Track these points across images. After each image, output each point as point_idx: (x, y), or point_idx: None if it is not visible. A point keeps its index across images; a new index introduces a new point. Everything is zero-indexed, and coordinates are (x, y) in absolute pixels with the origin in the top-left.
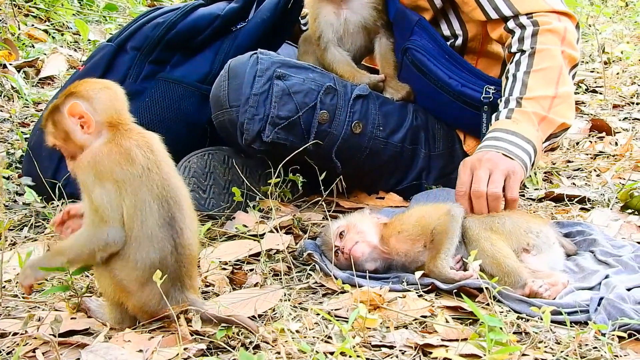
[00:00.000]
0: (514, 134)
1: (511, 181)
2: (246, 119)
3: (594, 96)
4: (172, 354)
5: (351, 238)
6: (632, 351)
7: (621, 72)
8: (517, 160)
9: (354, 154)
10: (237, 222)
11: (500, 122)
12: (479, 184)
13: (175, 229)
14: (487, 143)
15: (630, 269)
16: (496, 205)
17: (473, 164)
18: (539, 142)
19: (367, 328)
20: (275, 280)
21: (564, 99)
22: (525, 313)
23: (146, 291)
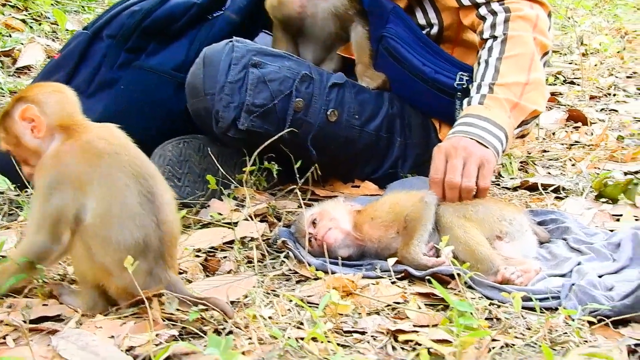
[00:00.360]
0: (486, 120)
1: (485, 170)
2: (221, 106)
3: (572, 87)
4: (144, 339)
5: (324, 225)
6: (602, 336)
7: (599, 64)
8: (490, 148)
9: (330, 142)
10: (212, 210)
11: (473, 107)
12: (453, 174)
13: (156, 204)
14: (459, 128)
15: (602, 256)
16: (468, 196)
17: (448, 151)
18: (510, 129)
19: (339, 314)
20: (249, 267)
21: (535, 86)
22: (497, 299)
23: (128, 269)
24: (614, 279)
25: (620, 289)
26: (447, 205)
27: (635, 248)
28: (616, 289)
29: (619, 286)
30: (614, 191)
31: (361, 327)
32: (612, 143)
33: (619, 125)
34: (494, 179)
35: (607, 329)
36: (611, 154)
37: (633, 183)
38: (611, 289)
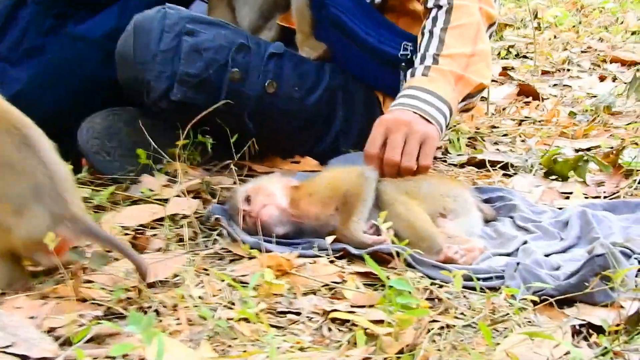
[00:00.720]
0: (430, 93)
1: (427, 147)
2: (153, 77)
3: (524, 62)
4: (66, 320)
5: (259, 201)
6: (546, 317)
7: (553, 39)
8: (434, 124)
9: (268, 115)
10: (143, 185)
11: (416, 79)
12: (393, 151)
13: (36, 148)
14: (402, 101)
15: (549, 235)
16: (407, 174)
17: (389, 125)
18: (454, 103)
19: (273, 294)
20: (180, 246)
21: (481, 57)
22: (439, 279)
23: (26, 216)
24: (561, 258)
25: (567, 269)
26: (389, 181)
27: (583, 226)
28: (563, 268)
29: (565, 265)
30: (564, 168)
31: (296, 307)
32: (563, 119)
33: (571, 101)
34: (440, 155)
35: (552, 309)
36: (562, 130)
37: (583, 160)
38: (558, 268)
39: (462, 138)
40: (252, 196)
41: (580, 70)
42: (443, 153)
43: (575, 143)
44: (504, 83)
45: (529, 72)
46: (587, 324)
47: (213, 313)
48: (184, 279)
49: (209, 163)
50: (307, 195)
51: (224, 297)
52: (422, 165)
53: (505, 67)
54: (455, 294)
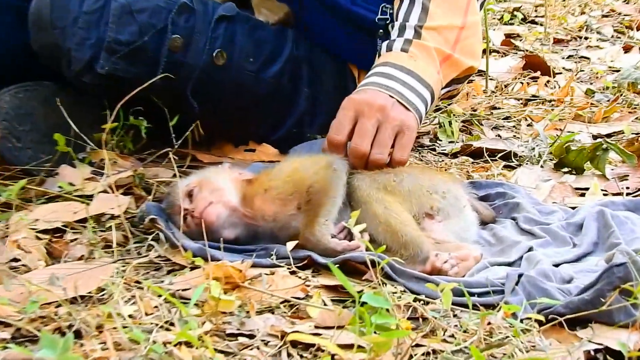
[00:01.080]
0: (409, 74)
1: (404, 139)
2: (74, 44)
3: (532, 28)
4: None
5: (204, 198)
6: (554, 339)
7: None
8: (412, 111)
9: (216, 92)
10: (61, 179)
11: (394, 55)
12: (362, 140)
13: None
14: (376, 80)
15: (559, 240)
16: (377, 168)
17: (360, 108)
18: (438, 88)
19: (221, 312)
20: (107, 252)
21: (472, 32)
22: (424, 294)
23: None
24: (573, 268)
25: (581, 281)
26: (363, 174)
27: (601, 230)
28: (575, 281)
29: (579, 277)
30: (578, 158)
31: (249, 328)
32: (579, 98)
33: (589, 76)
34: (428, 143)
35: (561, 331)
36: (577, 111)
37: (602, 148)
38: (569, 281)
39: (455, 121)
40: (195, 192)
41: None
42: (431, 140)
43: (592, 128)
44: (507, 54)
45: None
46: (603, 348)
47: (147, 335)
48: (111, 294)
49: (143, 151)
50: (262, 191)
51: (160, 315)
52: (396, 160)
53: (509, 34)
54: (443, 312)
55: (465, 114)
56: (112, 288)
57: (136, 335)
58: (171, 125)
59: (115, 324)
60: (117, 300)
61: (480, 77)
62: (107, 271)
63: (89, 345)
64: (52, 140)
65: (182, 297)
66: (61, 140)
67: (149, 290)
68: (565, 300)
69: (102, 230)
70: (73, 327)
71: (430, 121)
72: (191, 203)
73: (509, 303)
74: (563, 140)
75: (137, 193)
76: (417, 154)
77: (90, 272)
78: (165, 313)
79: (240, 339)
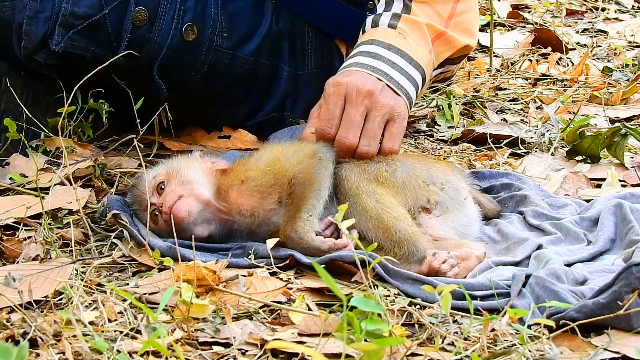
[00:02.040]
0: (398, 53)
1: (394, 128)
2: (26, 17)
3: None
4: None
5: (173, 191)
6: (567, 348)
7: None
8: (402, 96)
9: (186, 71)
10: (12, 169)
11: (381, 31)
12: (348, 131)
13: None
14: (362, 60)
15: (572, 236)
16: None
17: (349, 93)
18: (429, 69)
19: (192, 319)
20: (65, 252)
21: (469, 5)
22: (421, 297)
23: None
24: (588, 268)
25: (596, 283)
26: (352, 164)
27: (619, 225)
28: (590, 282)
29: (594, 279)
30: (594, 145)
31: (224, 337)
32: (595, 78)
33: (607, 52)
34: (425, 129)
35: (574, 338)
36: (592, 93)
37: (620, 134)
38: (583, 282)
39: (455, 104)
40: (164, 184)
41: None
42: (429, 125)
43: (610, 111)
44: (513, 28)
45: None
46: (621, 357)
47: (110, 344)
48: (70, 298)
49: (105, 138)
50: (238, 182)
51: (125, 322)
52: (386, 150)
53: (517, 5)
54: (442, 318)
55: (466, 95)
56: (71, 292)
57: (98, 344)
58: (136, 109)
59: (74, 332)
60: (76, 305)
61: (484, 54)
62: (65, 273)
63: (46, 355)
64: (2, 126)
65: (150, 301)
66: (12, 126)
67: (113, 294)
68: (578, 303)
69: (59, 227)
70: (28, 335)
71: (428, 104)
72: (159, 197)
73: (515, 307)
74: (576, 125)
75: (98, 185)
76: (412, 140)
77: (46, 274)
78: (131, 319)
79: (214, 348)
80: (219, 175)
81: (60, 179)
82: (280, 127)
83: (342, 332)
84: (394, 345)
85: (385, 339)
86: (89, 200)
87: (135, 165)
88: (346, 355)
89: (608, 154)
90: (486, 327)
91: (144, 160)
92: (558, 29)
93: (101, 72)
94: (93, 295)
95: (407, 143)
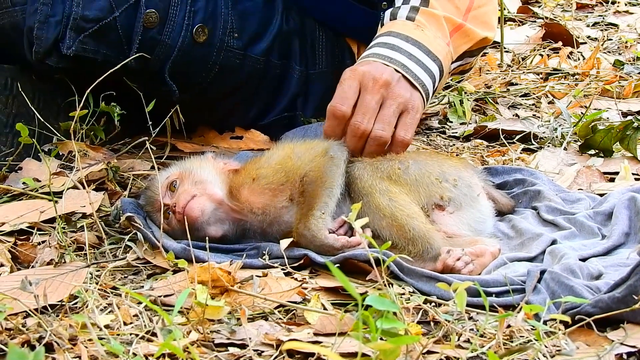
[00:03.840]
0: (417, 45)
1: (408, 118)
2: (37, 22)
3: None
4: None
5: (186, 191)
6: (584, 343)
7: None
8: (419, 88)
9: (198, 72)
10: (25, 174)
11: (399, 24)
12: (364, 116)
13: None
14: (380, 51)
15: (586, 231)
16: (377, 150)
17: (365, 81)
18: (447, 62)
19: (208, 320)
20: (79, 256)
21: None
22: (436, 295)
23: None
24: (603, 263)
25: (611, 277)
26: (364, 162)
27: (633, 219)
28: (605, 276)
29: (609, 273)
30: (607, 139)
31: (240, 338)
32: (606, 71)
33: (618, 46)
34: (437, 125)
35: (590, 333)
36: (604, 86)
37: (633, 127)
38: (598, 276)
39: (466, 100)
40: (177, 185)
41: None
42: (441, 121)
43: (622, 104)
44: (524, 23)
45: (558, 6)
46: (637, 351)
47: (126, 347)
48: (85, 302)
49: (117, 141)
50: (250, 181)
51: (140, 325)
52: (399, 140)
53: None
54: (457, 315)
55: (478, 91)
56: (86, 295)
57: (114, 348)
58: (147, 112)
59: (90, 336)
60: (91, 308)
61: (495, 50)
62: (79, 277)
63: (62, 359)
64: (15, 131)
65: (165, 303)
66: (24, 130)
67: (127, 297)
68: (593, 298)
69: (72, 231)
70: (44, 340)
71: (439, 100)
72: (172, 197)
73: (530, 303)
74: (589, 119)
75: (111, 188)
76: (424, 137)
77: (60, 278)
78: (146, 322)
79: (230, 349)
80: (232, 174)
81: (73, 182)
82: (292, 127)
83: (358, 331)
84: (410, 343)
85: (401, 337)
86: (102, 203)
87: (147, 168)
88: (362, 354)
89: (621, 148)
90: (502, 324)
91: (156, 162)
92: (568, 23)
93: (113, 75)
94: (108, 299)
95: (420, 140)
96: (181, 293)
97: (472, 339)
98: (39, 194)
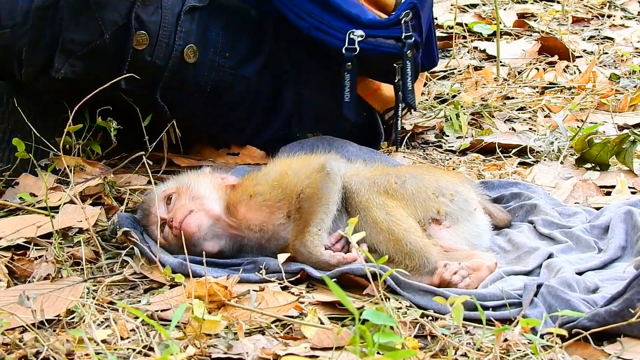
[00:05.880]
0: None
1: None
2: (25, 44)
3: (548, 6)
4: None
5: (184, 206)
6: (580, 357)
7: None
8: None
9: (189, 92)
10: (22, 189)
11: None
12: None
13: None
14: None
15: (583, 245)
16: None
17: None
18: None
19: (205, 335)
20: (76, 271)
21: None
22: (433, 309)
23: None
24: (600, 276)
25: (608, 291)
26: (361, 177)
27: (629, 233)
28: (602, 290)
29: (605, 286)
30: (603, 153)
31: (237, 352)
32: (602, 85)
33: (614, 59)
34: (433, 139)
35: (586, 347)
36: (600, 100)
37: (630, 141)
38: (595, 290)
39: (463, 114)
40: (173, 199)
41: (626, 16)
42: (437, 136)
43: (618, 118)
44: (520, 36)
45: (554, 20)
46: None
47: None
48: (82, 317)
49: (114, 156)
50: (247, 197)
51: (137, 340)
52: None
53: (523, 14)
54: (454, 329)
55: (474, 105)
56: (83, 310)
57: None
58: (144, 126)
59: (87, 350)
60: (88, 323)
61: (491, 64)
62: (76, 291)
63: None
64: (11, 146)
65: (162, 318)
66: (20, 146)
67: (124, 312)
68: (590, 312)
69: (69, 246)
70: (41, 355)
71: (436, 114)
72: (169, 212)
73: (527, 317)
74: (585, 133)
75: (108, 203)
76: (421, 151)
77: (57, 293)
78: (143, 337)
79: None
80: (229, 190)
81: (69, 197)
82: (289, 142)
83: (355, 345)
84: (407, 357)
85: (398, 351)
86: (99, 218)
87: (144, 182)
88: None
89: (617, 161)
90: (499, 338)
91: (153, 177)
92: (564, 37)
93: (107, 92)
94: (105, 314)
95: (416, 154)
96: (178, 308)
97: (469, 352)
98: (36, 209)
